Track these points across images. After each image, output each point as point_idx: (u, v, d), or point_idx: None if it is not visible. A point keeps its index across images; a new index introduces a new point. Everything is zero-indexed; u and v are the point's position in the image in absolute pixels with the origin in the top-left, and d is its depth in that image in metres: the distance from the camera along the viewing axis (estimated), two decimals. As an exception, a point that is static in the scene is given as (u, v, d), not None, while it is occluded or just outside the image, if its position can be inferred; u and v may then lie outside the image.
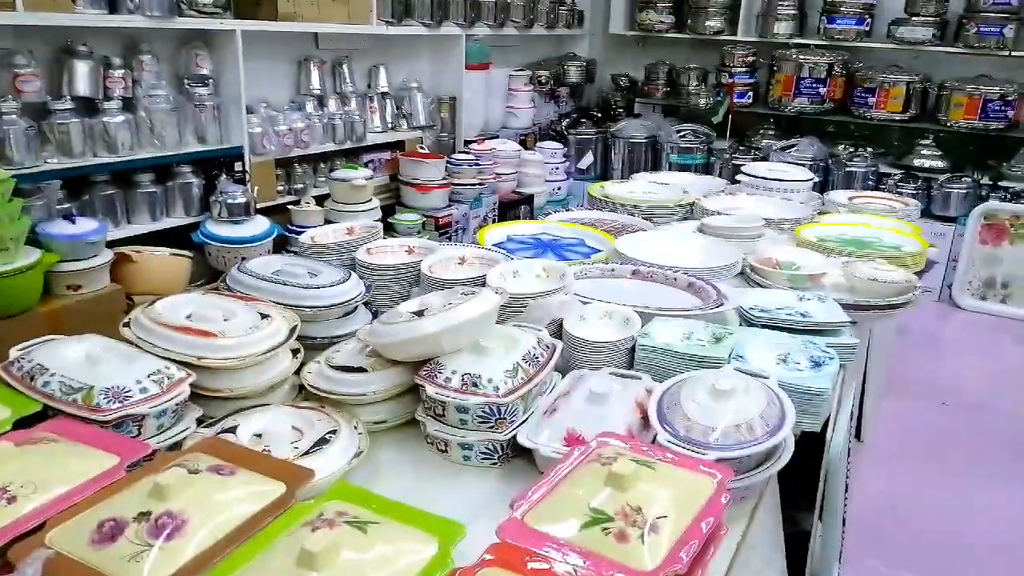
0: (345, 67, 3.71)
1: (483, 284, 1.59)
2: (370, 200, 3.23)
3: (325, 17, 3.31)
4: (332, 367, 1.36)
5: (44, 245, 2.28)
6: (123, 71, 2.67)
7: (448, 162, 3.87)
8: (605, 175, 5.08)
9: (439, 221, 3.72)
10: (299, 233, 3.03)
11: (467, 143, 4.34)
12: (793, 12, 4.84)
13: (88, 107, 2.61)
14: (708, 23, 5.03)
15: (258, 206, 3.10)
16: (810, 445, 1.41)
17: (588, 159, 4.99)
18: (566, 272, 1.65)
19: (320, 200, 3.27)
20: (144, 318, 1.38)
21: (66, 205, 2.51)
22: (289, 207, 3.07)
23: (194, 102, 2.88)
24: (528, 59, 5.27)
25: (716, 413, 1.14)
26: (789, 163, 4.37)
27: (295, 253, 2.00)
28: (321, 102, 3.54)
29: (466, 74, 4.29)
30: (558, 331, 1.51)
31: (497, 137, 4.57)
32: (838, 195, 3.11)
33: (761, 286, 2.03)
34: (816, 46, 4.73)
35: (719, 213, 2.68)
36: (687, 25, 5.15)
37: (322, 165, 3.48)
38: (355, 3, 3.45)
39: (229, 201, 2.83)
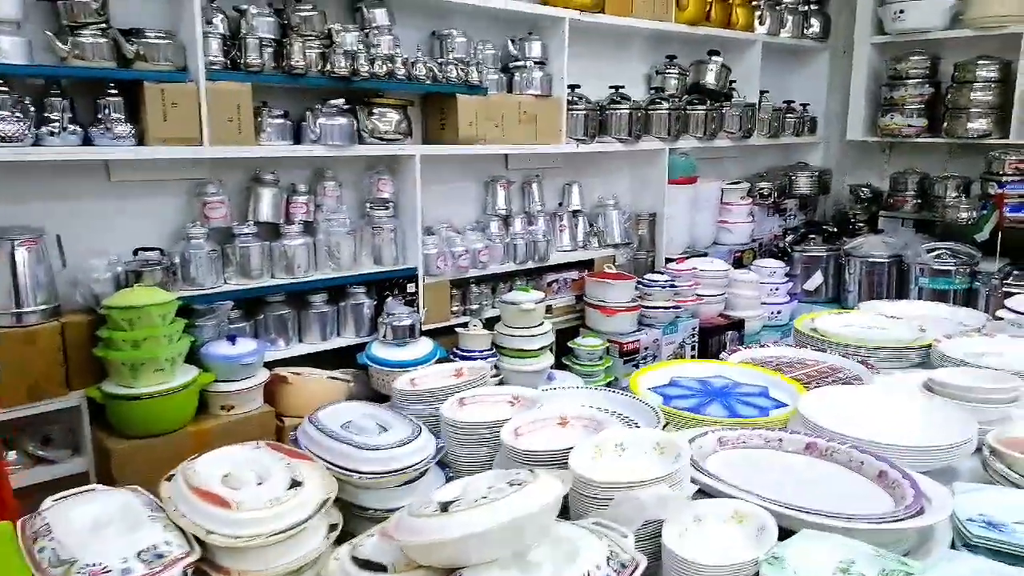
0: (535, 186, 3.62)
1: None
2: (541, 324, 3.02)
3: (510, 140, 3.26)
4: (355, 560, 1.10)
5: (204, 364, 2.36)
6: (307, 197, 2.79)
7: (639, 282, 3.57)
8: (838, 299, 4.40)
9: (624, 347, 3.40)
10: (465, 357, 2.91)
11: (668, 261, 4.00)
12: (1089, 107, 3.93)
13: (273, 231, 2.75)
14: (971, 125, 4.25)
15: (431, 327, 3.05)
16: None
17: (816, 279, 4.36)
18: (681, 453, 1.25)
19: (494, 322, 3.13)
20: (181, 475, 1.24)
21: (240, 324, 2.62)
22: (457, 330, 2.96)
23: (372, 224, 2.93)
24: (747, 170, 4.86)
25: None
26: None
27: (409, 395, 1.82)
28: (506, 222, 3.47)
29: (669, 189, 4.01)
30: (657, 536, 1.12)
31: (705, 255, 4.18)
32: None
33: (1006, 481, 1.43)
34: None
35: (962, 363, 2.06)
36: (944, 128, 4.41)
37: (502, 285, 3.36)
38: (543, 124, 3.38)
39: (395, 323, 2.78)
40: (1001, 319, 2.55)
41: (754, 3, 4.43)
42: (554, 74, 3.45)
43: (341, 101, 2.70)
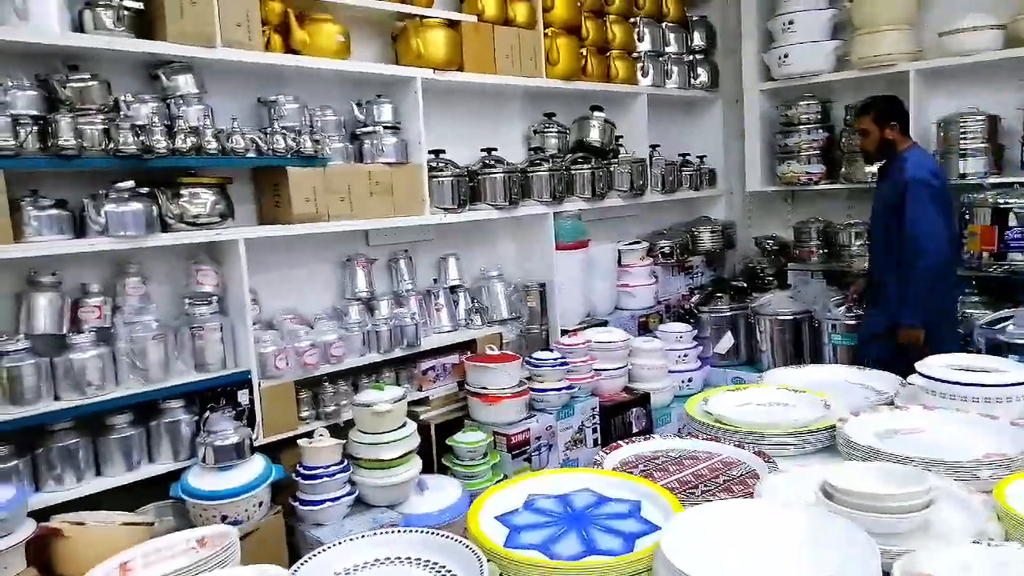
0: (403, 263, 3.23)
1: None
2: (402, 426, 2.57)
3: (363, 214, 2.87)
4: None
5: (-62, 525, 1.84)
6: (101, 298, 2.33)
7: (527, 362, 3.18)
8: (752, 360, 4.09)
9: (511, 439, 2.98)
10: (309, 476, 2.45)
11: (565, 333, 3.63)
12: (983, 145, 3.77)
13: (56, 344, 2.26)
14: (869, 168, 4.08)
15: (272, 439, 2.59)
16: None
17: (727, 341, 4.05)
18: None
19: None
20: None
21: (9, 463, 2.10)
22: (298, 442, 2.49)
23: (191, 324, 2.47)
24: (648, 228, 4.58)
25: None
26: (1002, 343, 3.16)
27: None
28: (369, 306, 3.05)
29: (558, 255, 3.67)
30: None
31: (606, 323, 3.83)
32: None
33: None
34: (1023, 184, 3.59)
35: (869, 451, 1.71)
36: (841, 174, 4.23)
37: (366, 380, 2.92)
38: (402, 194, 3.01)
39: (216, 443, 2.30)
40: (912, 384, 2.23)
41: (634, 55, 4.23)
42: (411, 139, 3.11)
43: (131, 183, 2.27)
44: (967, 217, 3.64)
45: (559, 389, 3.15)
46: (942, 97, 4.05)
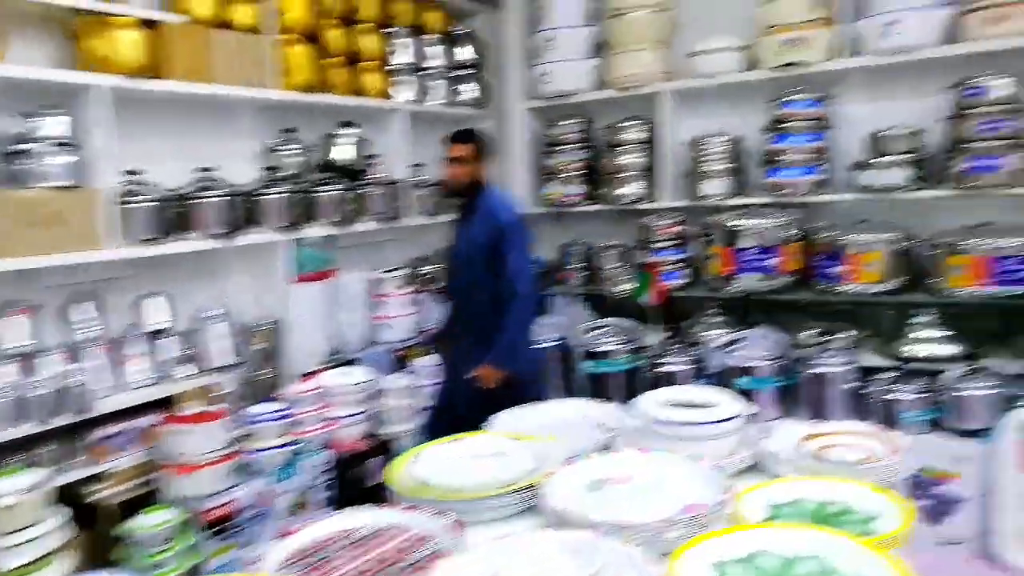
0: (83, 307, 2.70)
1: None
2: (43, 519, 2.07)
3: (10, 252, 2.33)
4: None
5: None
6: None
7: (249, 419, 2.77)
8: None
9: (208, 516, 2.54)
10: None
11: (306, 376, 3.25)
12: (725, 167, 3.85)
13: None
14: (623, 190, 4.06)
15: None
16: None
17: (487, 373, 3.85)
18: None
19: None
20: None
21: None
22: None
23: None
24: (410, 253, 4.30)
25: None
26: (733, 367, 3.20)
27: None
28: (32, 364, 2.51)
29: (294, 288, 3.28)
30: None
31: (352, 362, 3.49)
32: (784, 437, 1.85)
33: None
34: (759, 206, 3.69)
35: (562, 515, 1.49)
36: (600, 195, 4.19)
37: (14, 459, 2.37)
38: (75, 225, 2.49)
39: None
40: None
41: (388, 68, 3.93)
42: (92, 158, 2.60)
43: None
44: (709, 239, 3.69)
45: (280, 446, 2.76)
46: (694, 118, 4.11)
